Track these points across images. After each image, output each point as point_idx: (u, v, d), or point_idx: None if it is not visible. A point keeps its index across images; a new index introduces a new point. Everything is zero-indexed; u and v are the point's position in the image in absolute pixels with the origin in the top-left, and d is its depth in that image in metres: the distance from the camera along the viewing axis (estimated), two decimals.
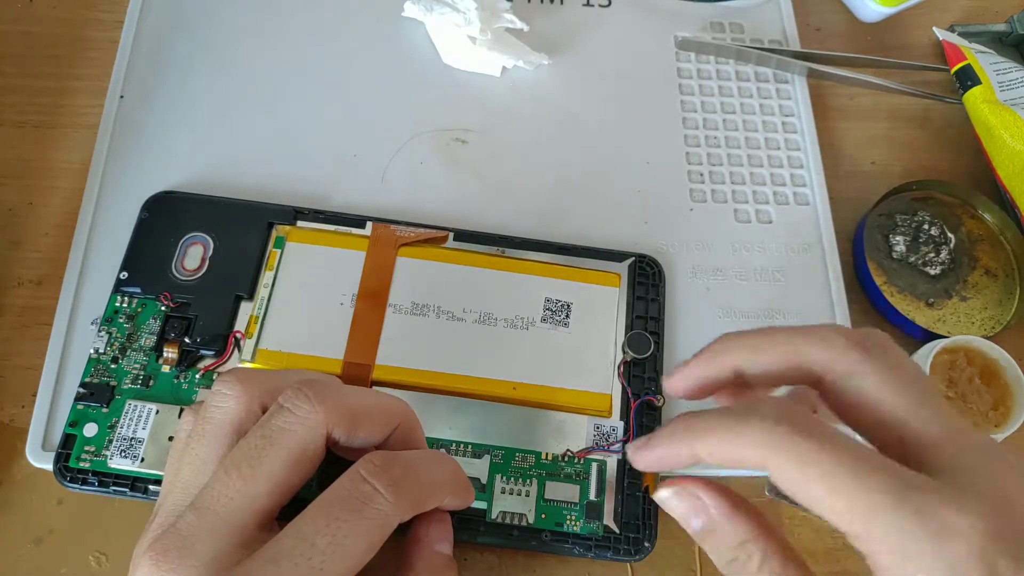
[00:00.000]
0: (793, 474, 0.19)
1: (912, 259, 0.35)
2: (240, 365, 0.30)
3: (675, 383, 0.23)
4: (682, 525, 0.21)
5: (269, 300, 0.31)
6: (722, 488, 0.21)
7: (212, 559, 0.20)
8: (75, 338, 0.31)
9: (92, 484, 0.28)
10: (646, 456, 0.22)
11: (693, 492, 0.21)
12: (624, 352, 0.31)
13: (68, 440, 0.28)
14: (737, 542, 0.20)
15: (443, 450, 0.29)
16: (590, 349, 0.31)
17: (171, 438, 0.28)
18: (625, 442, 0.29)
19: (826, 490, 0.18)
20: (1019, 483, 0.18)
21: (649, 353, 0.31)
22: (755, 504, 0.21)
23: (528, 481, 0.29)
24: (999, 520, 0.18)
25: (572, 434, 0.30)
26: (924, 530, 0.17)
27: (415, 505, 0.23)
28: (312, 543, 0.20)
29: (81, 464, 0.28)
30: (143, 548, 0.21)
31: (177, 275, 0.31)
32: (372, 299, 0.31)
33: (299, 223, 0.32)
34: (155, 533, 0.21)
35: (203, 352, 0.30)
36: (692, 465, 0.21)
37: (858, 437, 0.20)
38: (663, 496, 0.22)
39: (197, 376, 0.29)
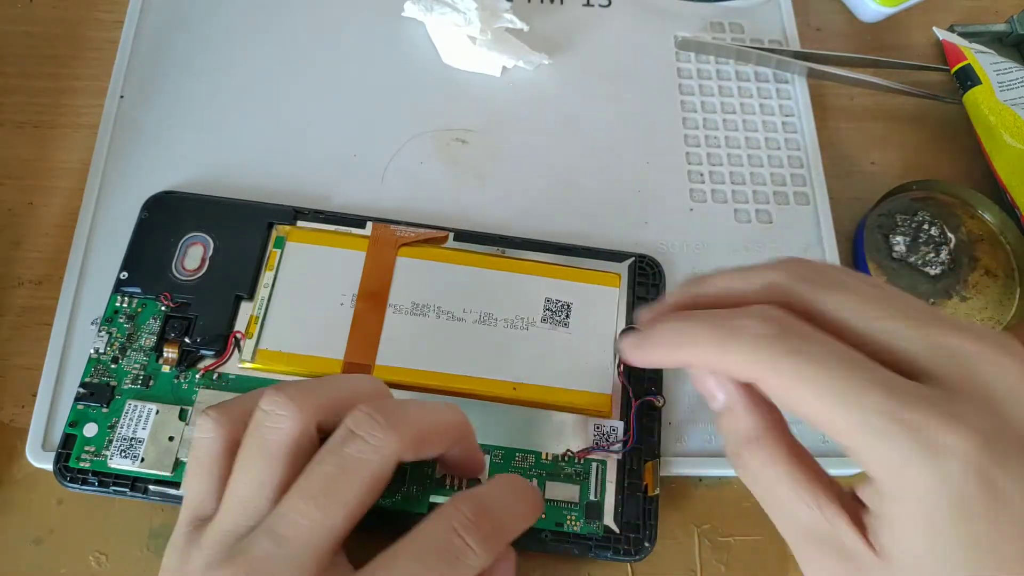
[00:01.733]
0: (784, 392, 0.19)
1: (912, 259, 0.35)
2: (240, 365, 0.30)
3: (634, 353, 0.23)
4: (705, 398, 0.22)
5: (269, 300, 0.31)
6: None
7: None
8: (75, 338, 0.31)
9: (92, 484, 0.28)
10: (636, 356, 0.23)
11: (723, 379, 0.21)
12: None
13: (68, 440, 0.28)
14: (746, 437, 0.21)
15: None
16: (590, 349, 0.31)
17: (171, 438, 0.28)
18: (625, 442, 0.29)
19: (818, 409, 0.19)
20: (1010, 385, 0.18)
21: None
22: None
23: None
24: (991, 431, 0.18)
25: (572, 434, 0.30)
26: (918, 446, 0.17)
27: (499, 553, 0.23)
28: None
29: (81, 464, 0.28)
30: (204, 560, 0.21)
31: (177, 275, 0.31)
32: (372, 299, 0.31)
33: (299, 223, 0.32)
34: (217, 548, 0.21)
35: (203, 352, 0.30)
36: (684, 367, 0.22)
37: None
38: (698, 376, 0.22)
39: (197, 376, 0.29)
